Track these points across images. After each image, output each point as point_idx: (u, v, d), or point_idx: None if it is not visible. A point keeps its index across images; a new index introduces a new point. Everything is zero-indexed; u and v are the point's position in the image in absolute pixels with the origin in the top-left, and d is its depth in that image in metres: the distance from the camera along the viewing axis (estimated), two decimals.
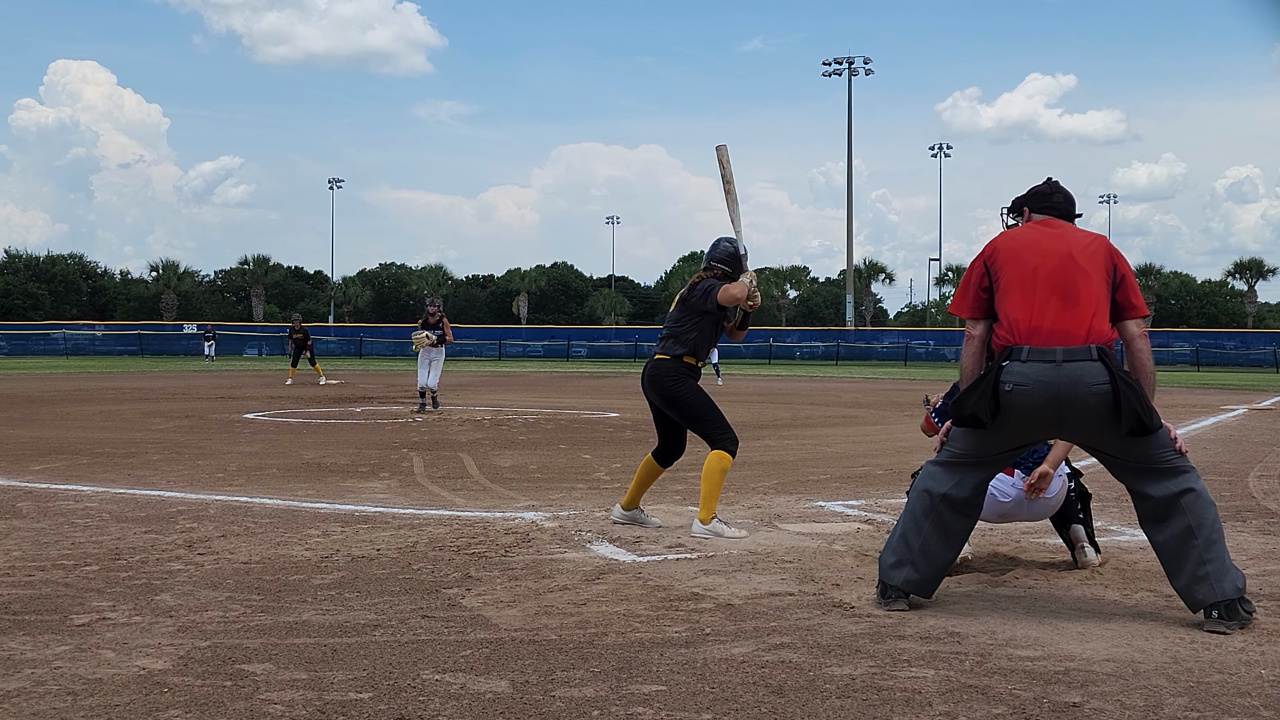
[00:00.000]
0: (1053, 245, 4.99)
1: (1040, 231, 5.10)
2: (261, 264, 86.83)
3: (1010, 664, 4.17)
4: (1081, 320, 4.82)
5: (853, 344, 68.14)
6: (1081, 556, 5.95)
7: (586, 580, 5.60)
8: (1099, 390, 4.74)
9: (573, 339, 71.21)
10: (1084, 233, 5.14)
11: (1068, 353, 4.78)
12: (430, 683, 3.92)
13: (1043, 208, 5.28)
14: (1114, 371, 4.75)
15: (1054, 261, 4.93)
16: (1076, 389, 4.75)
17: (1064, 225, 5.16)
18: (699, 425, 7.02)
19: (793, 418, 18.50)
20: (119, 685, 3.86)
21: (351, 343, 69.20)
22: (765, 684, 3.91)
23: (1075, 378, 4.75)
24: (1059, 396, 4.76)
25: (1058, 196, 5.29)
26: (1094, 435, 4.89)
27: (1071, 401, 4.76)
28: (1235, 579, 4.73)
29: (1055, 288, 4.89)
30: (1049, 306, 4.86)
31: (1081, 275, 4.89)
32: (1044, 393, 4.77)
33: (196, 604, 5.04)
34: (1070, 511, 6.01)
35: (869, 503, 8.41)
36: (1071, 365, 4.76)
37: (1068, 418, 4.82)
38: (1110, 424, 4.77)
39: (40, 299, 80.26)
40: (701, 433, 7.02)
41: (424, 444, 12.91)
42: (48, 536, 6.70)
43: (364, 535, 6.81)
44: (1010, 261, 5.00)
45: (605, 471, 10.41)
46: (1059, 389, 4.76)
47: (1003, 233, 5.28)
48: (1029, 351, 4.82)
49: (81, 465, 10.54)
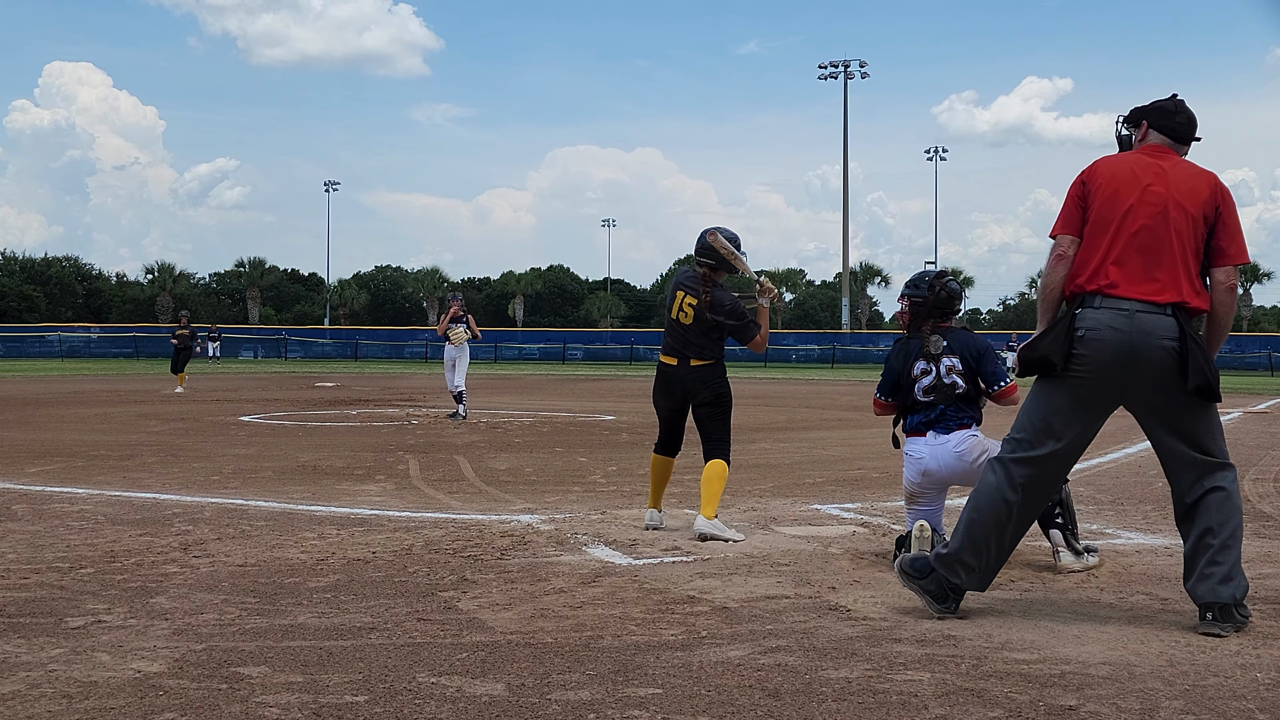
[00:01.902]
0: (1154, 191, 4.76)
1: (1146, 166, 4.85)
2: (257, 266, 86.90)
3: (1006, 667, 4.17)
4: (1162, 288, 4.69)
5: (848, 347, 68.20)
6: (1057, 561, 5.95)
7: (582, 583, 5.60)
8: (1167, 345, 4.65)
9: (568, 342, 71.20)
10: (1191, 174, 4.86)
11: (1142, 305, 4.68)
12: (426, 685, 3.91)
13: (1163, 126, 4.97)
14: (1185, 329, 4.67)
15: (1149, 214, 4.74)
16: (1147, 340, 4.65)
17: (1174, 160, 4.90)
18: (723, 430, 7.07)
19: (789, 421, 18.51)
20: (114, 688, 3.86)
21: (347, 345, 69.14)
22: (761, 687, 3.91)
23: (1146, 329, 4.66)
24: (1130, 346, 4.66)
25: (1181, 117, 4.98)
26: (1156, 395, 4.74)
27: (1141, 354, 4.66)
28: (1237, 587, 4.71)
29: (1143, 246, 4.73)
30: (1132, 264, 4.72)
31: (1174, 237, 4.72)
32: (1116, 340, 4.67)
33: (192, 607, 5.03)
34: (1047, 516, 6.01)
35: (865, 506, 8.41)
36: (1144, 317, 4.67)
37: (1133, 373, 4.70)
38: (1174, 383, 4.68)
39: (35, 301, 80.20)
40: (720, 435, 7.05)
41: (419, 447, 12.91)
42: (43, 539, 6.69)
43: (360, 538, 6.80)
44: (1106, 197, 4.81)
45: (601, 474, 10.41)
46: (1131, 338, 4.66)
47: (1109, 157, 5.01)
48: (1102, 299, 4.72)
49: (77, 468, 10.53)
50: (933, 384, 6.15)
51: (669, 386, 7.18)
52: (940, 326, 6.27)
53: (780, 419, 18.86)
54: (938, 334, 6.22)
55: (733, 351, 7.08)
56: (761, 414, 19.96)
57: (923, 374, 6.17)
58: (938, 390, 6.14)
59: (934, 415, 6.14)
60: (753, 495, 8.92)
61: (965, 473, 6.08)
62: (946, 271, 6.61)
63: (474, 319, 18.40)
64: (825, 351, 67.04)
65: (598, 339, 73.75)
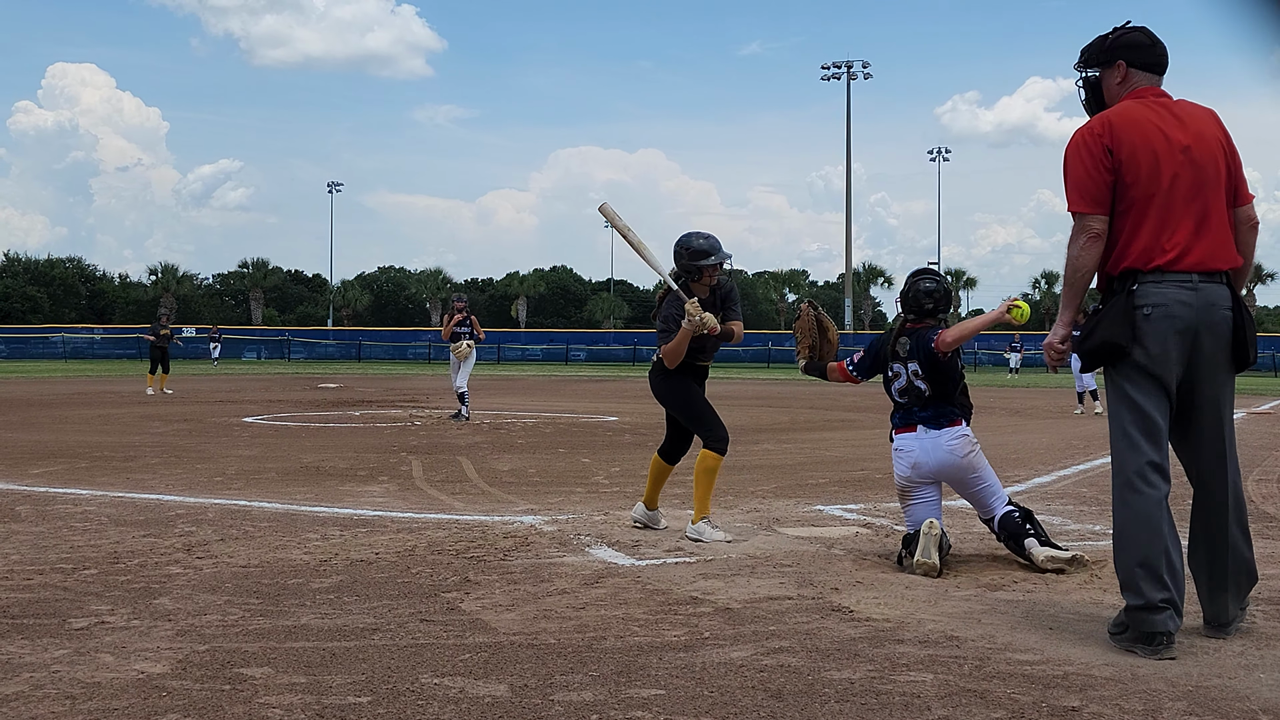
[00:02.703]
0: (1183, 145, 4.44)
1: (1164, 119, 4.48)
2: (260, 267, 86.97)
3: (1009, 668, 4.17)
4: (1217, 245, 4.45)
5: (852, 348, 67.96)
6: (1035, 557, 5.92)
7: (585, 584, 5.60)
8: (1224, 315, 4.44)
9: (571, 343, 71.26)
10: (1200, 116, 4.57)
11: (1204, 276, 4.42)
12: (429, 687, 3.92)
13: (1145, 63, 4.60)
14: (1236, 296, 4.50)
15: (1190, 177, 4.43)
16: (1212, 313, 4.42)
17: (1178, 104, 4.56)
18: (691, 425, 7.07)
19: (791, 421, 18.50)
20: (118, 689, 3.86)
21: (350, 346, 69.20)
22: (764, 688, 3.91)
23: (1210, 301, 4.42)
24: (1196, 320, 4.40)
25: (1159, 47, 4.62)
26: (1208, 367, 4.46)
27: (1207, 326, 4.41)
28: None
29: (1190, 207, 4.43)
30: (1186, 233, 4.42)
31: (1213, 188, 4.46)
32: (1184, 315, 4.39)
33: (195, 608, 5.04)
34: (1020, 533, 6.01)
35: (868, 507, 8.40)
36: (1208, 287, 4.42)
37: (1198, 346, 4.42)
38: (1226, 353, 4.47)
39: (39, 302, 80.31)
40: (694, 431, 7.06)
41: (422, 448, 12.91)
42: (46, 540, 6.69)
43: (363, 539, 6.80)
44: (1143, 166, 4.43)
45: (604, 475, 10.41)
46: (1197, 311, 4.40)
47: (1120, 113, 4.54)
48: (1162, 274, 4.41)
49: (80, 469, 10.54)
50: (905, 386, 6.23)
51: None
52: (911, 327, 6.29)
53: (783, 420, 18.85)
54: (905, 336, 6.27)
55: (734, 352, 7.14)
56: (764, 415, 19.96)
57: (895, 376, 6.25)
58: (909, 393, 6.21)
59: (927, 413, 6.20)
60: (755, 496, 8.92)
61: (955, 468, 6.13)
62: (928, 269, 6.62)
63: (478, 320, 18.42)
64: None
65: (601, 340, 73.79)
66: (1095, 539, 6.96)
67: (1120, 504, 4.52)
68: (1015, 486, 9.56)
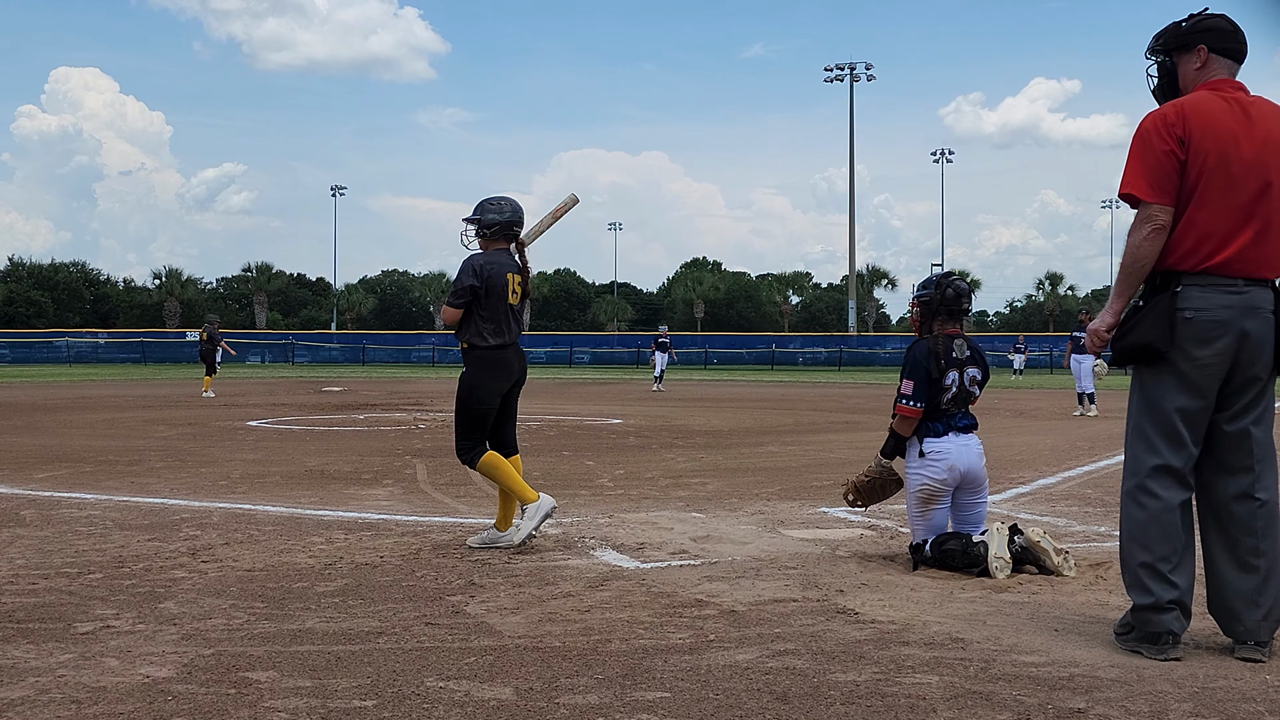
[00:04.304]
0: (1253, 142, 4.30)
1: (1237, 113, 4.34)
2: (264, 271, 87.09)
3: (1014, 670, 4.16)
4: (1272, 259, 4.33)
5: (855, 349, 68.12)
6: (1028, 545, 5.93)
7: (590, 587, 5.60)
8: (1265, 317, 4.32)
9: (575, 345, 71.24)
10: (1272, 114, 4.39)
11: (1249, 281, 4.31)
12: (434, 690, 3.92)
13: (1227, 49, 4.42)
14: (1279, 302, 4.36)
15: (1256, 176, 4.28)
16: (1256, 316, 4.31)
17: (1255, 99, 4.40)
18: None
19: (795, 424, 18.49)
20: (123, 693, 3.86)
21: (354, 350, 69.25)
22: (769, 690, 3.91)
23: (1254, 305, 4.31)
24: (1240, 323, 4.29)
25: (1241, 34, 4.44)
26: (1246, 369, 4.34)
27: (1251, 329, 4.30)
28: None
29: (1254, 213, 4.29)
30: (1244, 236, 4.29)
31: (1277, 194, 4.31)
32: (1228, 318, 4.28)
33: (200, 612, 5.04)
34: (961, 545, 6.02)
35: (872, 509, 8.38)
36: (1255, 292, 4.31)
37: (1243, 348, 4.31)
38: (1266, 356, 4.34)
39: (43, 307, 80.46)
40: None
41: (427, 451, 12.91)
42: (51, 544, 6.70)
43: (367, 542, 6.81)
44: (1212, 162, 4.28)
45: (608, 478, 10.41)
46: (1242, 314, 4.29)
47: (1194, 102, 4.38)
48: (1209, 276, 4.30)
49: (85, 473, 10.55)
50: (956, 393, 6.17)
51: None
52: (950, 332, 6.26)
53: (787, 422, 18.85)
54: (959, 339, 6.25)
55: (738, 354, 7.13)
56: (768, 417, 19.95)
57: (949, 385, 6.16)
58: (959, 398, 6.18)
59: (969, 420, 6.25)
60: (760, 498, 8.91)
61: (979, 471, 6.20)
62: (949, 272, 6.62)
63: None
64: (832, 354, 66.95)
65: (604, 342, 73.76)
66: (1100, 540, 6.96)
67: (1131, 504, 4.46)
68: (1020, 488, 9.55)
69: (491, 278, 6.65)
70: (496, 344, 6.75)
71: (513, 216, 6.85)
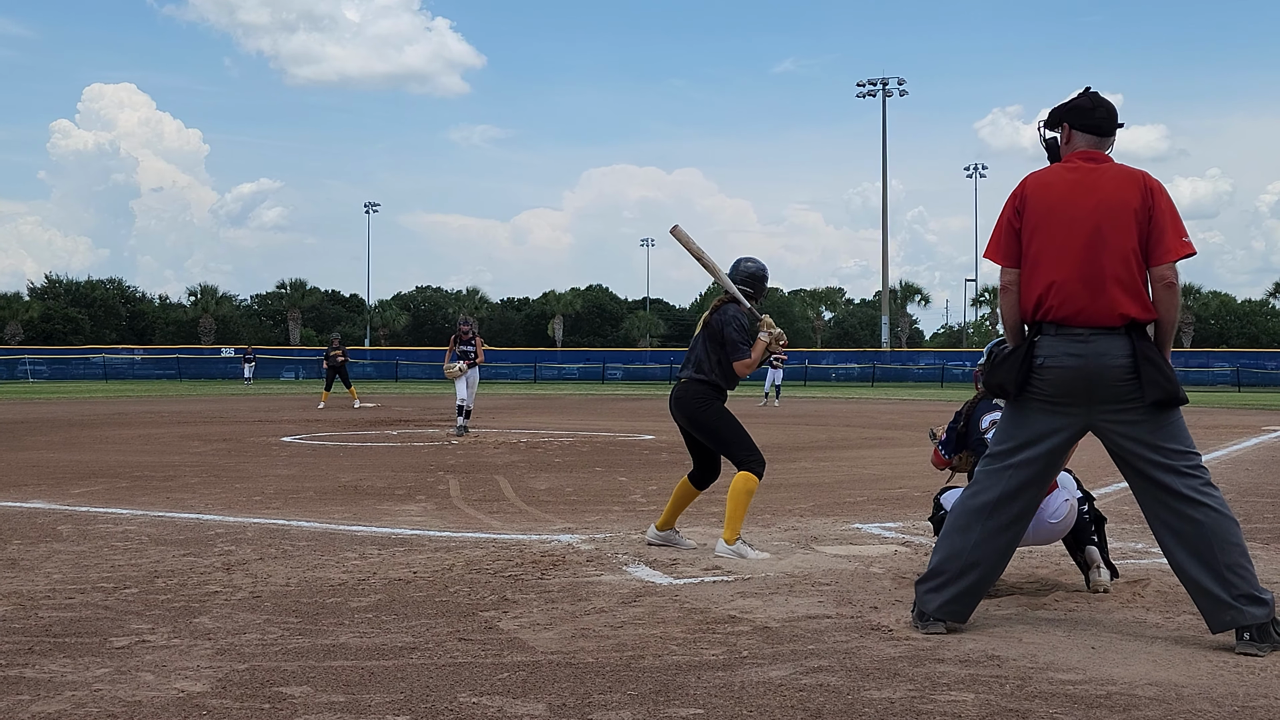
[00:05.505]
0: (1085, 204, 4.83)
1: (1074, 182, 4.90)
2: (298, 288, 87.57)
3: (1051, 688, 4.12)
4: (1111, 305, 4.77)
5: (889, 365, 67.90)
6: (1095, 577, 5.88)
7: (623, 603, 5.59)
8: (1121, 363, 4.75)
9: (608, 361, 71.32)
10: (1119, 178, 4.89)
11: (1092, 331, 4.80)
12: (467, 705, 3.92)
13: (1085, 125, 5.02)
14: (1136, 345, 4.76)
15: (1084, 232, 4.81)
16: (1102, 360, 4.77)
17: (1102, 167, 4.94)
18: (725, 448, 7.06)
19: (829, 439, 18.44)
20: (158, 708, 3.88)
21: (387, 366, 69.56)
22: (803, 707, 3.89)
23: (1101, 351, 4.77)
24: (1086, 369, 4.78)
25: (1100, 111, 5.03)
26: (1122, 412, 4.81)
27: (1099, 374, 4.77)
28: (1270, 605, 4.65)
29: (1084, 269, 4.79)
30: (1077, 289, 4.79)
31: (1114, 252, 4.77)
32: (1074, 364, 4.79)
33: (235, 626, 5.06)
34: (1084, 534, 5.96)
35: (906, 525, 8.35)
36: (1099, 339, 4.79)
37: (1096, 389, 4.80)
38: (1135, 397, 4.76)
39: (80, 323, 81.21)
40: (729, 455, 7.04)
41: (460, 467, 12.94)
42: (87, 559, 6.75)
43: (400, 558, 6.82)
44: (1041, 220, 4.90)
45: (641, 494, 10.40)
46: (1088, 363, 4.78)
47: (1038, 174, 5.06)
48: (1057, 328, 4.85)
49: (121, 488, 10.63)
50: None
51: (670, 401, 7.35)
52: None
53: (820, 438, 18.79)
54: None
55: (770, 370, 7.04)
56: (802, 433, 19.90)
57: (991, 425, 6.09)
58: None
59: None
60: (793, 514, 8.89)
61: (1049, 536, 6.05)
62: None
63: (482, 341, 19.47)
64: (865, 370, 66.78)
65: (637, 358, 73.81)
66: (1137, 557, 6.89)
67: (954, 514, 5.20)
68: None
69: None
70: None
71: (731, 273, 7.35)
